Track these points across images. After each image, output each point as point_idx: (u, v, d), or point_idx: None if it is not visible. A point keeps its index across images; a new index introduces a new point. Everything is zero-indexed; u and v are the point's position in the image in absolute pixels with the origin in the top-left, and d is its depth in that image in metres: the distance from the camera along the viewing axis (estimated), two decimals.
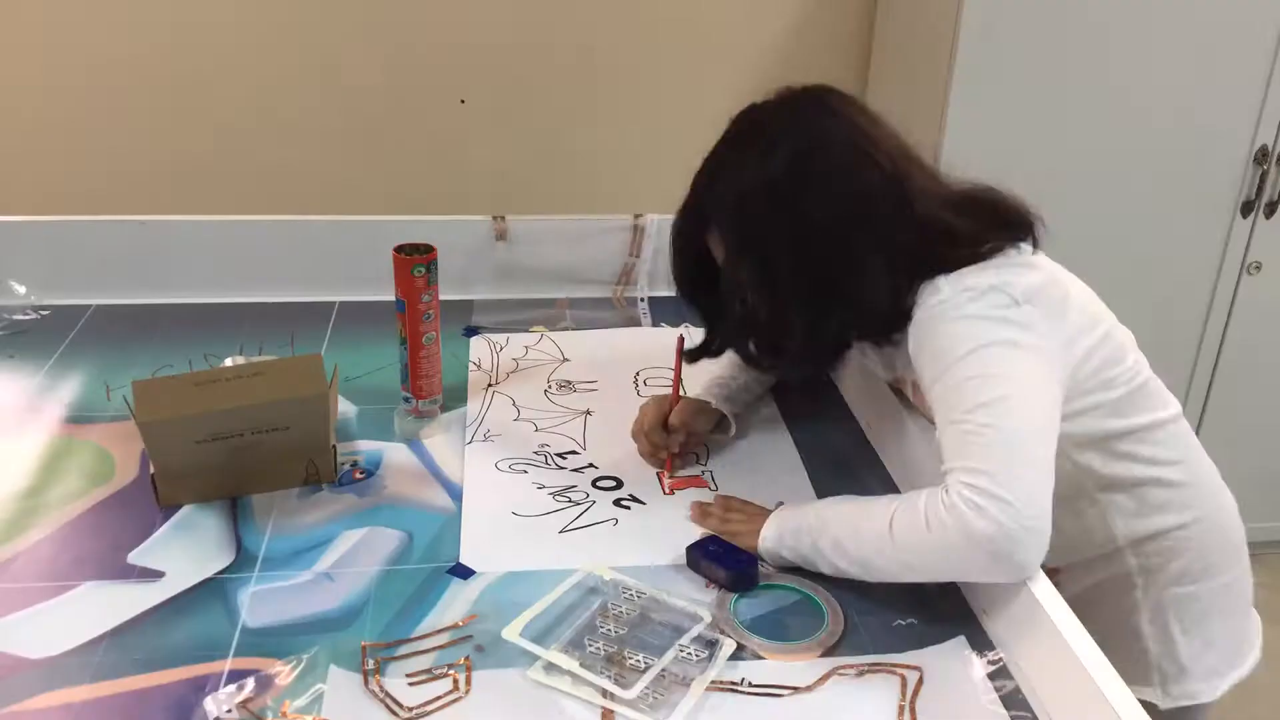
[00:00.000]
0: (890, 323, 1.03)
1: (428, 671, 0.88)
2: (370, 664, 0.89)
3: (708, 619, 0.94)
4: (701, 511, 1.10)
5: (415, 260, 1.22)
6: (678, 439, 1.19)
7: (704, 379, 1.27)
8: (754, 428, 1.28)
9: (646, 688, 0.86)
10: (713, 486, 1.17)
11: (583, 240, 1.65)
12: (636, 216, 1.65)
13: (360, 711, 0.84)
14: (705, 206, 1.07)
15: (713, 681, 0.88)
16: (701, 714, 0.85)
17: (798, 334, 1.04)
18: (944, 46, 1.94)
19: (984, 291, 0.97)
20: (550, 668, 0.88)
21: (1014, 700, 0.86)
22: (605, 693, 0.85)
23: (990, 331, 0.95)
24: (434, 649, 0.91)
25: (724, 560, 1.00)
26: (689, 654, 0.90)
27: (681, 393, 1.23)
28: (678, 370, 1.21)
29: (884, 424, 1.23)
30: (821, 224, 0.99)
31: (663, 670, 0.88)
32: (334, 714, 0.84)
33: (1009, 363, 0.94)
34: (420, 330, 1.25)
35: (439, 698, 0.86)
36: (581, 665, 0.87)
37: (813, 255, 1.00)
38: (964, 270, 0.99)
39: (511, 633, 0.90)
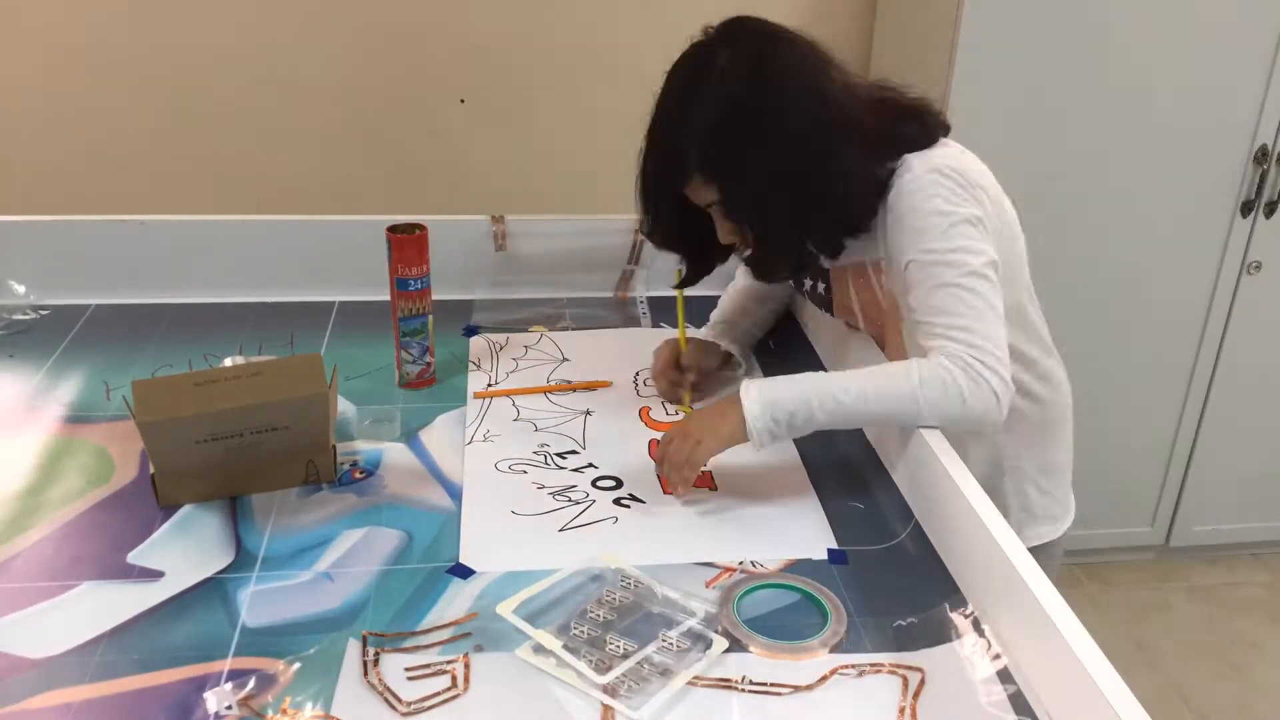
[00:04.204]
0: (871, 206, 1.15)
1: (426, 667, 0.88)
2: (370, 654, 0.89)
3: (700, 614, 0.94)
4: (661, 451, 1.14)
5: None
6: (690, 377, 1.33)
7: (708, 321, 1.40)
8: None
9: (623, 675, 0.86)
10: (715, 486, 1.17)
11: (582, 241, 1.65)
12: (638, 223, 1.64)
13: (360, 707, 0.84)
14: (683, 158, 1.11)
15: (713, 679, 0.88)
16: (699, 712, 0.85)
17: (797, 237, 1.15)
18: (944, 46, 1.94)
19: (947, 174, 1.11)
20: (538, 648, 0.89)
21: (1015, 702, 0.86)
22: (581, 675, 0.86)
23: (960, 209, 1.10)
24: (434, 645, 0.91)
25: None
26: (673, 645, 0.90)
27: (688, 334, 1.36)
28: (681, 316, 1.35)
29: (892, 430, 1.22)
30: (797, 129, 1.09)
31: (645, 661, 0.89)
32: (334, 710, 0.84)
33: (978, 238, 1.10)
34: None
35: (437, 694, 0.86)
36: (565, 648, 0.88)
37: (797, 162, 1.09)
38: (923, 152, 1.13)
39: (505, 609, 0.91)
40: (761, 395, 1.09)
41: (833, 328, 1.38)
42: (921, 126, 1.17)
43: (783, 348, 1.49)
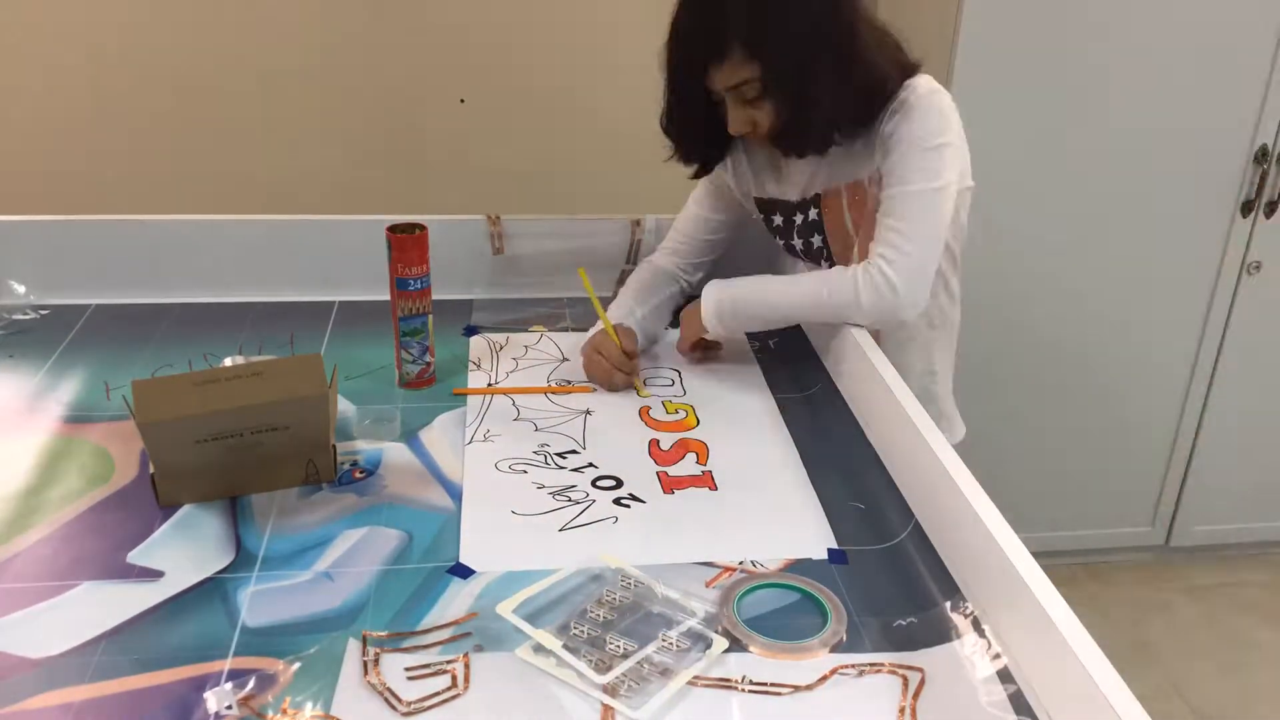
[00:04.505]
0: (885, 95, 1.28)
1: (426, 666, 0.89)
2: (370, 654, 0.89)
3: (700, 614, 0.94)
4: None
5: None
6: (637, 362, 1.40)
7: (614, 314, 1.45)
8: (754, 427, 1.28)
9: (623, 675, 0.86)
10: (714, 486, 1.17)
11: (582, 240, 1.65)
12: (635, 223, 1.65)
13: (360, 706, 0.84)
14: (724, 35, 1.21)
15: (713, 679, 0.88)
16: (699, 712, 0.85)
17: (833, 107, 1.26)
18: (944, 46, 1.94)
19: (945, 98, 1.29)
20: (538, 648, 0.89)
21: (1015, 702, 0.86)
22: (581, 675, 0.86)
23: (948, 134, 1.27)
24: (433, 644, 0.91)
25: None
26: (673, 645, 0.90)
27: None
28: (600, 309, 1.41)
29: (883, 422, 1.22)
30: (829, 8, 1.22)
31: (645, 661, 0.88)
32: (334, 710, 0.84)
33: (950, 162, 1.27)
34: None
35: (437, 693, 0.86)
36: (565, 647, 0.88)
37: (832, 38, 1.22)
38: (922, 76, 1.29)
39: (505, 609, 0.91)
40: (717, 288, 1.35)
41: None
42: (909, 58, 1.32)
43: (783, 348, 1.49)
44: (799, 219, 1.43)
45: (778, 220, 1.47)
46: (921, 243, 1.26)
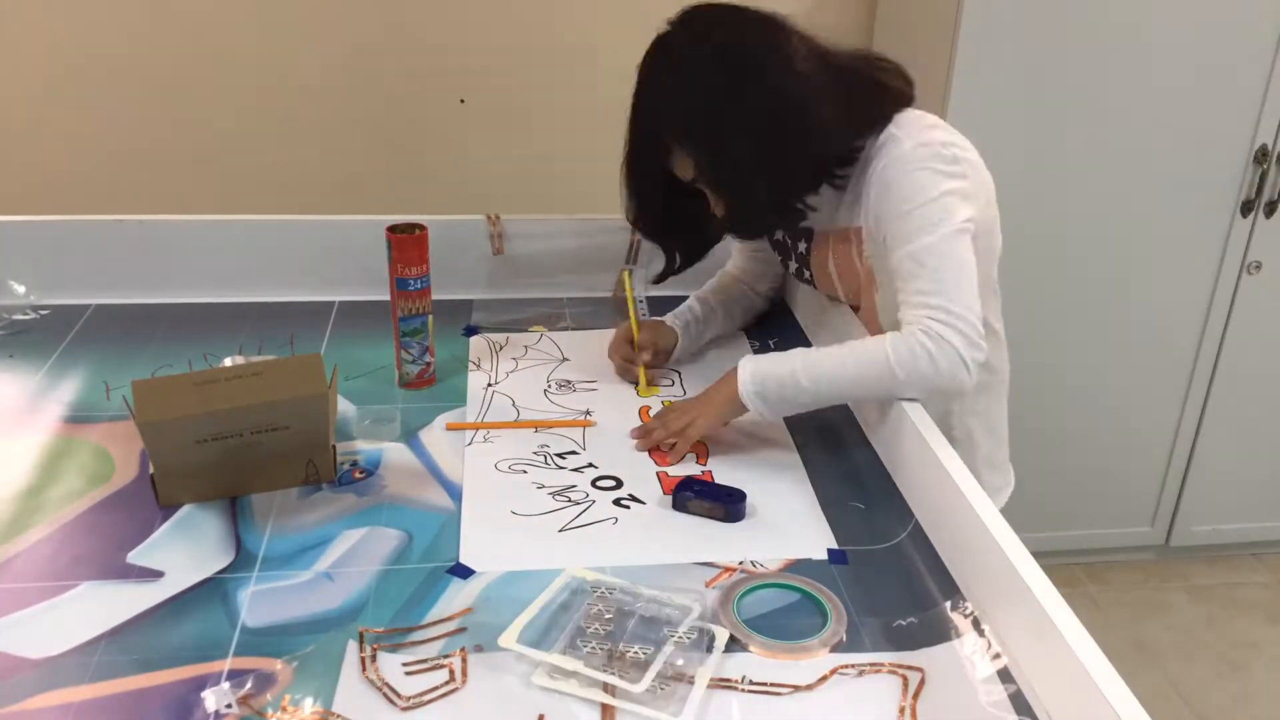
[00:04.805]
0: (843, 159, 1.22)
1: (423, 661, 0.89)
2: (367, 651, 0.89)
3: (697, 610, 0.94)
4: (644, 433, 1.24)
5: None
6: (644, 356, 1.37)
7: (676, 312, 1.45)
8: (754, 428, 1.28)
9: (655, 680, 0.86)
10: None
11: (582, 240, 1.65)
12: (626, 212, 1.64)
13: (360, 703, 0.84)
14: (661, 133, 1.19)
15: (714, 679, 0.88)
16: (699, 712, 0.85)
17: (768, 192, 1.19)
18: (944, 46, 1.94)
19: (936, 148, 1.17)
20: (554, 671, 0.88)
21: (1015, 702, 0.86)
22: (611, 689, 0.85)
23: (945, 183, 1.16)
24: (431, 639, 0.91)
25: (712, 494, 1.11)
26: (684, 641, 0.90)
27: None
28: (631, 304, 1.39)
29: (882, 422, 1.22)
30: (756, 91, 1.14)
31: (668, 663, 0.88)
32: (335, 706, 0.84)
33: (957, 205, 1.16)
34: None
35: (436, 688, 0.86)
36: (586, 665, 0.87)
37: (760, 119, 1.14)
38: (908, 124, 1.19)
39: (508, 640, 0.90)
40: (754, 367, 1.19)
41: (816, 302, 1.46)
42: (891, 90, 1.23)
43: (783, 348, 1.48)
44: (792, 267, 1.44)
45: (779, 238, 1.43)
46: (960, 293, 1.12)
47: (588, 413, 1.32)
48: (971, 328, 1.12)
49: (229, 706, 0.83)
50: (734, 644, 0.92)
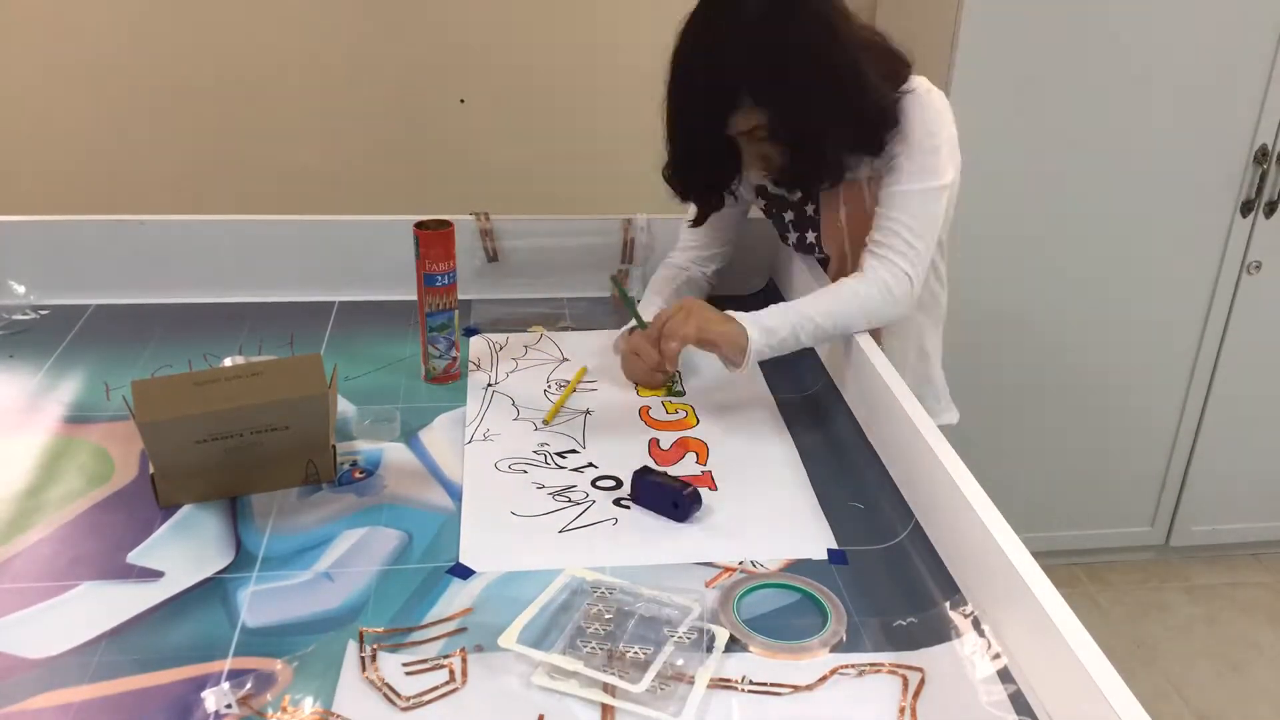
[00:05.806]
0: (893, 115, 1.30)
1: (423, 661, 0.89)
2: (367, 651, 0.89)
3: (697, 610, 0.94)
4: (661, 319, 1.30)
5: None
6: (671, 366, 1.36)
7: (647, 312, 1.44)
8: (754, 427, 1.28)
9: (655, 680, 0.86)
10: (714, 486, 1.17)
11: (582, 240, 1.65)
12: (627, 222, 1.65)
13: (360, 703, 0.84)
14: (734, 87, 1.22)
15: (714, 679, 0.88)
16: (699, 712, 0.85)
17: (836, 145, 1.29)
18: (944, 46, 1.94)
19: (942, 98, 1.34)
20: (554, 671, 0.88)
21: (1015, 702, 0.86)
22: (611, 689, 0.85)
23: (945, 130, 1.32)
24: (432, 639, 0.91)
25: (661, 492, 1.11)
26: (684, 641, 0.90)
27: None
28: (635, 310, 1.40)
29: (883, 422, 1.22)
30: (826, 49, 1.22)
31: (667, 663, 0.88)
32: (334, 707, 0.84)
33: (948, 158, 1.32)
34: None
35: (435, 688, 0.86)
36: (586, 666, 0.87)
37: (832, 78, 1.23)
38: (919, 81, 1.33)
39: (508, 640, 0.90)
40: (758, 322, 1.28)
41: (811, 273, 1.50)
42: (900, 56, 1.34)
43: None
44: (794, 214, 1.47)
45: (777, 211, 1.50)
46: (928, 239, 1.31)
47: (588, 412, 1.32)
48: (921, 261, 1.31)
49: (229, 707, 0.83)
50: (734, 644, 0.92)
